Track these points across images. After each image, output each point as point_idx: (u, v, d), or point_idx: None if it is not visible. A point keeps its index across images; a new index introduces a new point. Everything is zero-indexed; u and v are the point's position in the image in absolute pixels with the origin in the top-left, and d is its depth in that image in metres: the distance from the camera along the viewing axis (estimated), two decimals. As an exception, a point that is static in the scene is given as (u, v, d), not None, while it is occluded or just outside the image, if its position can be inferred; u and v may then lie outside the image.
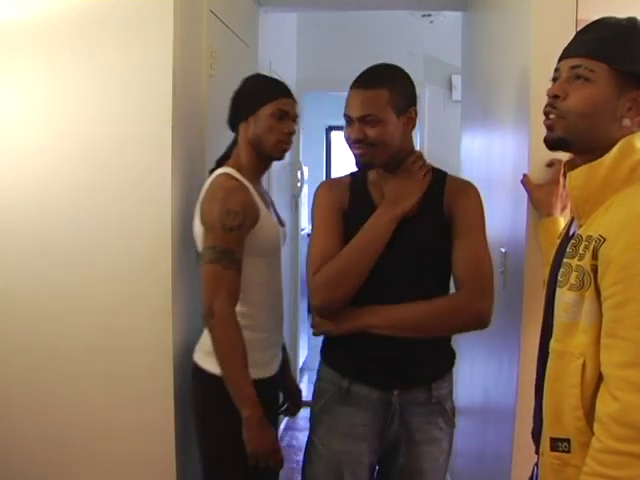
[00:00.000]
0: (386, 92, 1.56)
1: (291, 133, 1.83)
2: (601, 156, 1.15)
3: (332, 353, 1.68)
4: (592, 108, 1.15)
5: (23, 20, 1.87)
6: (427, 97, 4.21)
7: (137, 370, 1.89)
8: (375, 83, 1.57)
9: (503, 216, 2.07)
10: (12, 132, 1.90)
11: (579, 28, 1.25)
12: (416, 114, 1.63)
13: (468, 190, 1.66)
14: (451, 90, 4.14)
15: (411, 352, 1.58)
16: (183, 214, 1.88)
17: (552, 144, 1.22)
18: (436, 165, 1.69)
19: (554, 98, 1.19)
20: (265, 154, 1.84)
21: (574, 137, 1.18)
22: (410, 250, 1.59)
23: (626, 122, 1.14)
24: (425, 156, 1.67)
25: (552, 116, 1.20)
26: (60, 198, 1.89)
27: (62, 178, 1.89)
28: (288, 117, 1.83)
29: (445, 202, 1.62)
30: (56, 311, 1.91)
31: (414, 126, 1.64)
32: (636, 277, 1.04)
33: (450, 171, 1.70)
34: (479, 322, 1.54)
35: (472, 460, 2.64)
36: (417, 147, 4.03)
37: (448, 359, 1.70)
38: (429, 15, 4.13)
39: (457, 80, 3.96)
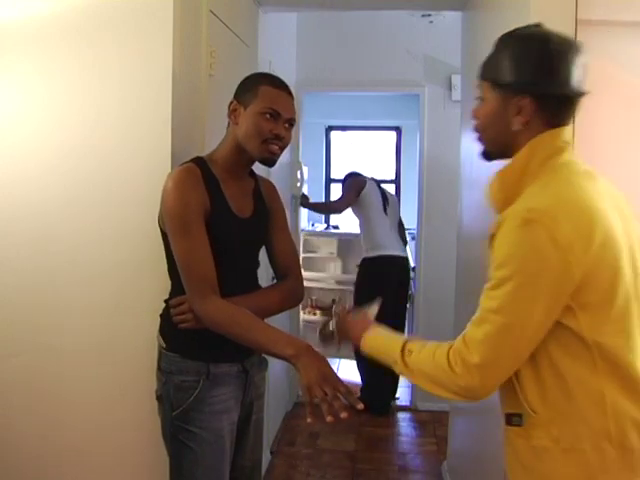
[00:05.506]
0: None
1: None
2: None
3: (190, 346, 1.68)
4: (486, 121, 1.31)
5: (23, 20, 1.88)
6: (427, 97, 4.21)
7: (137, 369, 1.89)
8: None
9: (503, 216, 2.06)
10: (12, 132, 1.91)
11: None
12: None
13: (275, 186, 1.89)
14: (451, 90, 4.13)
15: None
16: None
17: (482, 157, 1.38)
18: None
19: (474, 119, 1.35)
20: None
21: (490, 148, 1.34)
22: (254, 247, 1.81)
23: (515, 126, 1.25)
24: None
25: (475, 134, 1.37)
26: (60, 197, 1.90)
27: (62, 178, 1.90)
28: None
29: (266, 200, 1.82)
30: (56, 310, 1.92)
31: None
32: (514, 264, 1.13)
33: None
34: (302, 299, 1.88)
35: (471, 460, 2.64)
36: (417, 147, 4.09)
37: None
38: (429, 15, 4.13)
39: (457, 80, 3.96)
